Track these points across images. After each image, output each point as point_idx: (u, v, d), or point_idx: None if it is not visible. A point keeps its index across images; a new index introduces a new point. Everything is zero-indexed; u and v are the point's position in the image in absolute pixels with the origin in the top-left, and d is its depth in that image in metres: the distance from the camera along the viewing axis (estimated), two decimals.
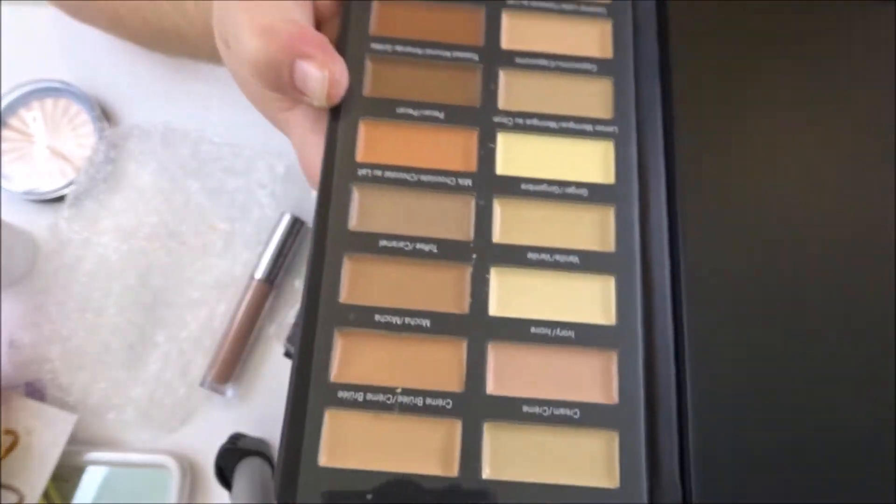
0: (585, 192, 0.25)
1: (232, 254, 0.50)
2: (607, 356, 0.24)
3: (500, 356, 0.24)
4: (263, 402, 0.49)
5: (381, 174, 0.25)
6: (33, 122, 0.52)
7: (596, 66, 0.27)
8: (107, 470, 0.47)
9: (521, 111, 0.26)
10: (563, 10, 0.28)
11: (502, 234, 0.25)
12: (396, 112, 0.26)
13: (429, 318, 0.24)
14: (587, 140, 0.26)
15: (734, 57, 0.28)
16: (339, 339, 0.23)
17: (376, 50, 0.27)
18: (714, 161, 0.27)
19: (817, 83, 0.27)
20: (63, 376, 0.48)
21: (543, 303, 0.24)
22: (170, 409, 0.48)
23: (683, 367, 0.24)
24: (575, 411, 0.23)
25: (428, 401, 0.23)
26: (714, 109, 0.27)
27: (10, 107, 0.52)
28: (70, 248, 0.49)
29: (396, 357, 0.23)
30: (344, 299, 0.24)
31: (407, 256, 0.24)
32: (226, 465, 0.43)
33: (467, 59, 0.27)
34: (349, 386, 0.23)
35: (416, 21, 0.27)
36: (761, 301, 0.25)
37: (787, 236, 0.26)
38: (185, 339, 0.48)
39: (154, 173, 0.50)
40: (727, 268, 0.25)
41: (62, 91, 0.52)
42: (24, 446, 0.46)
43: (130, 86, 0.54)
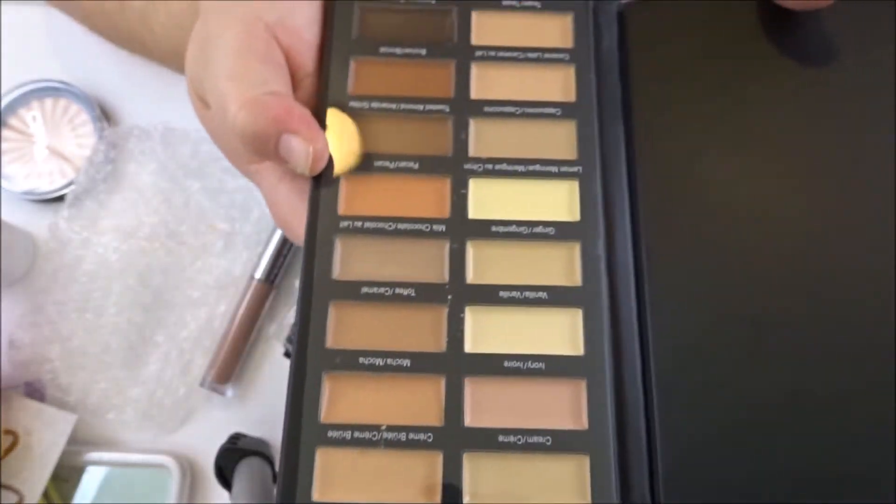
0: (552, 231, 0.27)
1: (232, 254, 0.50)
2: (576, 385, 0.25)
3: (476, 390, 0.25)
4: (263, 402, 0.48)
5: (361, 225, 0.27)
6: (33, 122, 0.52)
7: (560, 110, 0.29)
8: (107, 470, 0.47)
9: (491, 157, 0.28)
10: (528, 58, 0.29)
11: (475, 275, 0.26)
12: (374, 165, 0.28)
13: (409, 358, 0.25)
14: (553, 181, 0.28)
15: (693, 98, 0.29)
16: (327, 382, 0.25)
17: (354, 108, 0.28)
18: (676, 196, 0.28)
19: (768, 122, 0.28)
20: (63, 376, 0.48)
21: (515, 338, 0.26)
22: (170, 409, 0.48)
23: (651, 393, 0.26)
24: (547, 438, 0.24)
25: (411, 435, 0.24)
26: (674, 147, 0.28)
27: (9, 106, 0.52)
28: (70, 248, 0.49)
29: (380, 396, 0.25)
30: (330, 344, 0.25)
31: (387, 301, 0.26)
32: (226, 465, 0.43)
33: (439, 110, 0.29)
34: (338, 426, 0.25)
35: (391, 78, 0.29)
36: (725, 328, 0.26)
37: (749, 266, 0.27)
38: (185, 339, 0.48)
39: (154, 173, 0.50)
40: (691, 297, 0.27)
41: (62, 91, 0.52)
42: (24, 446, 0.46)
43: (130, 86, 0.54)
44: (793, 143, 0.28)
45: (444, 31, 0.30)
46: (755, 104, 0.28)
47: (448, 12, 0.30)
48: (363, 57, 0.29)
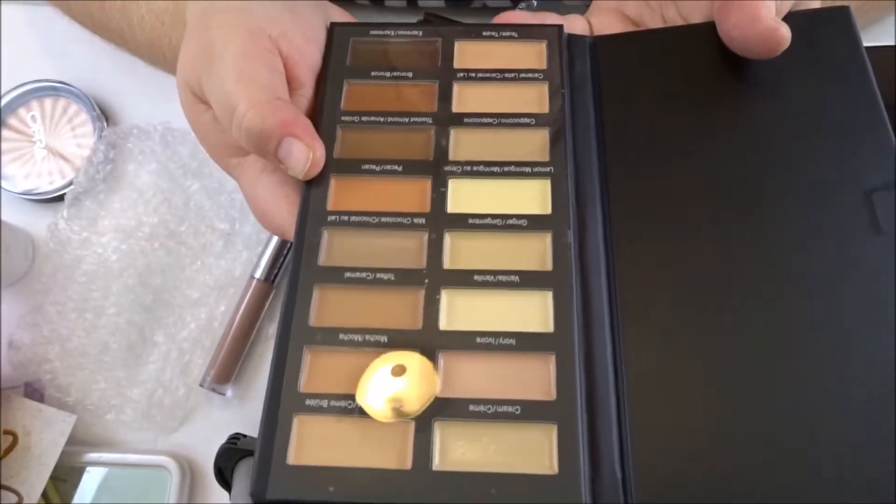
0: (525, 223, 0.29)
1: (232, 254, 0.50)
2: (545, 359, 0.27)
3: (449, 363, 0.27)
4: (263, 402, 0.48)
5: (347, 219, 0.29)
6: (33, 122, 0.52)
7: (534, 120, 0.31)
8: (106, 470, 0.47)
9: (469, 160, 0.30)
10: (505, 77, 0.32)
11: (452, 262, 0.28)
12: (362, 168, 0.30)
13: (386, 335, 0.27)
14: (526, 179, 0.30)
15: (659, 116, 0.32)
16: (308, 356, 0.27)
17: (345, 121, 0.31)
18: (643, 195, 0.30)
19: (725, 137, 0.31)
20: (62, 376, 0.48)
21: (488, 317, 0.27)
22: (169, 410, 0.48)
23: (621, 368, 0.27)
24: (516, 408, 0.26)
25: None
26: (642, 154, 0.31)
27: (9, 106, 0.52)
28: (69, 248, 0.49)
29: (357, 369, 0.26)
30: (313, 323, 0.27)
31: (368, 285, 0.28)
32: (225, 465, 0.43)
33: (422, 122, 0.31)
34: (316, 395, 0.26)
35: (380, 97, 0.32)
36: (694, 307, 0.28)
37: (715, 252, 0.29)
38: (185, 339, 0.48)
39: (154, 173, 0.50)
40: (660, 278, 0.29)
41: (62, 91, 0.52)
42: (23, 447, 0.46)
43: (130, 86, 0.53)
44: (745, 151, 0.30)
45: (429, 58, 0.33)
46: (713, 123, 0.31)
47: (433, 42, 0.33)
48: (355, 80, 0.32)
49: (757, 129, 0.31)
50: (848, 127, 0.30)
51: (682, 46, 0.33)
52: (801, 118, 0.30)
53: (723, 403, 0.26)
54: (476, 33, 0.34)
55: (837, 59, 0.31)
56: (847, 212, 0.28)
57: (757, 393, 0.27)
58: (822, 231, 0.29)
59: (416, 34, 0.33)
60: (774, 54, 0.30)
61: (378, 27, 0.34)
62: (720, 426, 0.26)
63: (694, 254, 0.29)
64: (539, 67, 0.32)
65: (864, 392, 0.26)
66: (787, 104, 0.31)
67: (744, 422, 0.26)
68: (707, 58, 0.32)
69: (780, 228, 0.29)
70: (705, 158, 0.30)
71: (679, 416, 0.26)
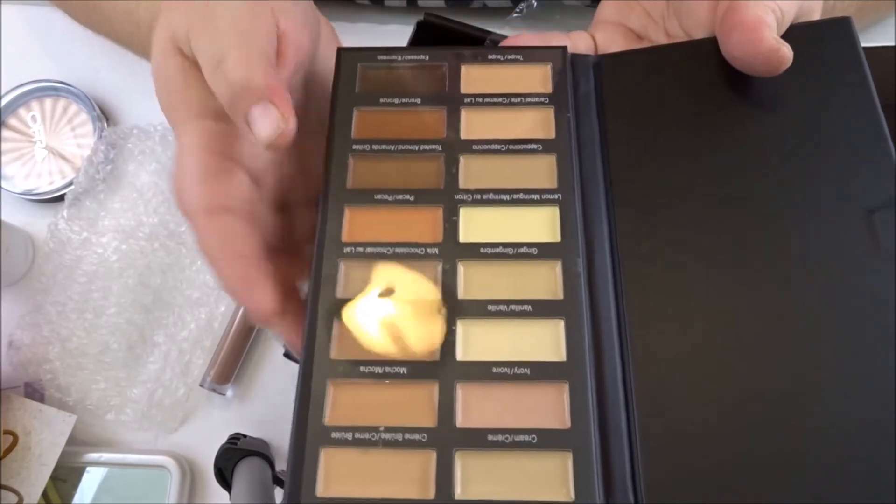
0: (535, 251, 0.30)
1: None
2: (559, 388, 0.27)
3: (467, 394, 0.27)
4: (263, 402, 0.48)
5: (362, 250, 0.30)
6: (33, 122, 0.52)
7: (540, 146, 0.32)
8: (106, 470, 0.47)
9: (479, 188, 0.31)
10: (511, 102, 0.33)
11: (465, 292, 0.29)
12: (374, 198, 0.31)
13: (405, 367, 0.28)
14: (535, 207, 0.30)
15: (663, 135, 0.32)
16: (331, 389, 0.27)
17: (356, 150, 0.32)
18: (649, 217, 0.30)
19: (729, 154, 0.31)
20: (62, 377, 0.48)
21: (503, 346, 0.28)
22: (169, 410, 0.48)
23: (631, 394, 0.28)
24: (533, 437, 0.26)
25: (407, 436, 0.27)
26: (648, 177, 0.31)
27: (9, 106, 0.52)
28: (69, 248, 0.49)
29: (379, 400, 0.27)
30: (334, 355, 0.28)
31: (386, 316, 0.29)
32: (226, 465, 0.43)
33: (432, 149, 0.32)
34: (340, 427, 0.27)
35: (389, 124, 0.32)
36: (701, 331, 0.28)
37: (721, 272, 0.29)
38: (185, 339, 0.48)
39: (154, 173, 0.50)
40: (668, 304, 0.29)
41: (61, 91, 0.52)
42: (24, 447, 0.46)
43: (130, 86, 0.54)
44: (749, 169, 0.31)
45: (436, 83, 0.33)
46: (716, 140, 0.31)
47: (440, 67, 0.34)
48: (365, 108, 0.33)
49: (760, 148, 0.31)
50: (849, 144, 0.30)
51: (684, 63, 0.33)
52: (803, 134, 0.31)
53: (735, 424, 0.27)
54: (482, 57, 0.34)
55: (839, 72, 0.31)
56: (848, 231, 0.29)
57: (769, 409, 0.27)
58: (822, 251, 0.29)
59: (423, 58, 0.34)
60: (776, 73, 0.30)
61: (385, 52, 0.34)
62: (732, 448, 0.27)
63: (700, 277, 0.29)
64: (544, 91, 0.33)
65: (869, 397, 0.27)
66: (790, 120, 0.31)
67: (757, 446, 0.26)
68: (709, 74, 0.32)
69: (784, 249, 0.29)
70: (708, 179, 0.31)
71: (689, 440, 0.27)
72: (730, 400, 0.27)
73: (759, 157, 0.31)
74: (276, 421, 0.48)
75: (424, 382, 0.28)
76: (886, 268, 0.28)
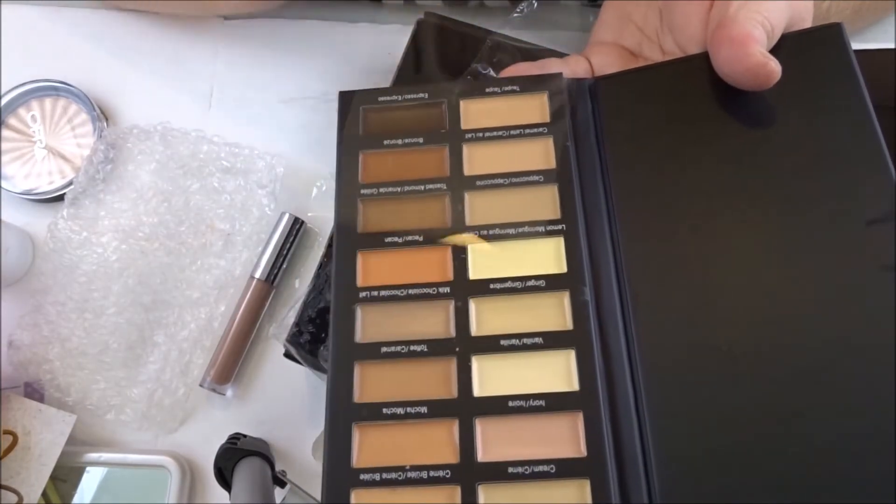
0: (543, 283, 0.30)
1: (232, 254, 0.50)
2: (574, 417, 0.28)
3: (486, 429, 0.28)
4: (263, 402, 0.48)
5: (377, 294, 0.31)
6: (32, 122, 0.52)
7: (542, 177, 0.32)
8: (106, 470, 0.47)
9: (485, 224, 0.32)
10: (511, 134, 0.33)
11: (478, 328, 0.30)
12: (385, 241, 0.32)
13: (425, 406, 0.29)
14: (540, 239, 0.31)
15: (661, 154, 0.32)
16: (356, 432, 0.29)
17: (365, 195, 0.33)
18: (654, 241, 0.31)
19: (726, 172, 0.31)
20: (62, 377, 0.48)
21: (517, 380, 0.29)
22: (169, 410, 0.48)
23: (644, 420, 0.28)
24: (551, 467, 0.27)
25: (431, 473, 0.28)
26: (649, 198, 0.32)
27: (9, 106, 0.52)
28: (69, 248, 0.49)
29: (403, 440, 0.29)
30: (357, 399, 0.29)
31: (404, 357, 0.30)
32: (226, 465, 0.43)
33: (437, 188, 0.33)
34: (367, 469, 0.28)
35: (394, 165, 0.33)
36: (709, 354, 0.29)
37: (725, 298, 0.29)
38: (185, 339, 0.48)
39: (154, 173, 0.50)
40: (675, 329, 0.29)
41: (61, 91, 0.52)
42: (23, 447, 0.46)
43: (130, 86, 0.54)
44: (748, 187, 0.31)
45: (437, 121, 0.34)
46: (714, 157, 0.32)
47: (440, 104, 0.34)
48: (370, 151, 0.34)
49: (759, 166, 0.31)
50: (846, 156, 0.30)
51: (678, 81, 0.33)
52: (800, 148, 0.31)
53: (751, 445, 0.27)
54: (479, 90, 0.35)
55: (831, 81, 0.31)
56: (848, 245, 0.29)
57: (785, 428, 0.27)
58: (825, 267, 0.29)
59: (423, 97, 0.35)
60: (766, 87, 0.30)
61: (385, 93, 0.35)
62: (750, 467, 0.27)
63: (707, 299, 0.29)
64: (542, 121, 0.33)
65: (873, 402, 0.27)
66: (786, 134, 0.31)
67: (774, 467, 0.27)
68: (702, 91, 0.32)
69: (790, 267, 0.29)
70: (708, 200, 0.31)
71: (704, 462, 0.27)
72: (744, 420, 0.28)
73: (760, 175, 0.31)
74: (276, 421, 0.48)
75: (444, 420, 0.29)
76: (886, 282, 0.28)
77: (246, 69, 0.53)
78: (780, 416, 0.27)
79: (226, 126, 0.52)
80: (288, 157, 0.51)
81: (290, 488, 0.45)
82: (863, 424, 0.27)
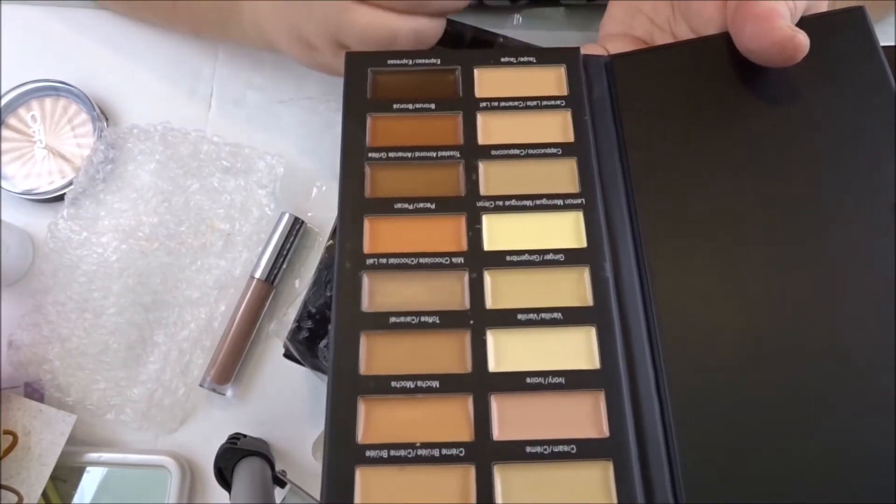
0: (562, 257, 0.29)
1: (232, 254, 0.50)
2: (595, 396, 0.27)
3: (502, 406, 0.27)
4: (263, 402, 0.48)
5: (385, 261, 0.29)
6: (32, 122, 0.52)
7: (560, 150, 0.31)
8: (106, 470, 0.47)
9: (501, 195, 0.30)
10: (527, 105, 0.32)
11: (494, 301, 0.29)
12: (395, 208, 0.30)
13: (437, 380, 0.27)
14: (559, 213, 0.30)
15: (678, 132, 0.32)
16: (362, 406, 0.27)
17: (373, 158, 0.31)
18: (672, 218, 0.30)
19: (744, 148, 0.31)
20: (62, 376, 0.48)
21: (535, 356, 0.28)
22: (169, 410, 0.48)
23: (665, 399, 0.27)
24: (572, 447, 0.26)
25: (444, 451, 0.26)
26: (667, 175, 0.31)
27: (9, 106, 0.52)
28: (69, 248, 0.49)
29: (413, 416, 0.27)
30: (363, 371, 0.27)
31: (414, 329, 0.28)
32: (226, 465, 0.43)
33: (450, 156, 0.31)
34: (374, 446, 0.26)
35: (404, 130, 0.32)
36: (730, 333, 0.28)
37: (747, 276, 0.29)
38: (185, 339, 0.48)
39: (154, 173, 0.50)
40: (695, 307, 0.29)
41: (61, 91, 0.52)
42: (23, 447, 0.46)
43: (130, 86, 0.54)
44: (768, 167, 0.30)
45: (450, 87, 0.33)
46: (733, 137, 0.31)
47: (453, 71, 0.33)
48: (378, 114, 0.32)
49: (780, 145, 0.30)
50: (870, 138, 0.29)
51: (697, 60, 0.32)
52: (824, 129, 0.30)
53: (772, 425, 0.27)
54: (495, 59, 0.33)
55: (855, 63, 0.31)
56: (874, 228, 0.28)
57: (805, 410, 0.27)
58: (849, 247, 0.28)
59: (434, 62, 0.33)
60: (793, 62, 0.29)
61: (394, 56, 0.33)
62: (770, 449, 0.26)
63: (726, 276, 0.29)
64: (560, 94, 0.32)
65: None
66: (809, 115, 0.30)
67: (794, 446, 0.26)
68: (722, 70, 0.32)
69: (811, 247, 0.29)
70: (728, 178, 0.30)
71: (726, 442, 0.27)
72: (765, 400, 0.27)
73: (779, 154, 0.30)
74: (276, 421, 0.48)
75: (458, 396, 0.27)
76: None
77: (246, 70, 0.53)
78: (804, 402, 0.27)
79: (226, 126, 0.52)
80: (288, 157, 0.51)
81: (290, 488, 0.45)
82: (883, 421, 0.26)
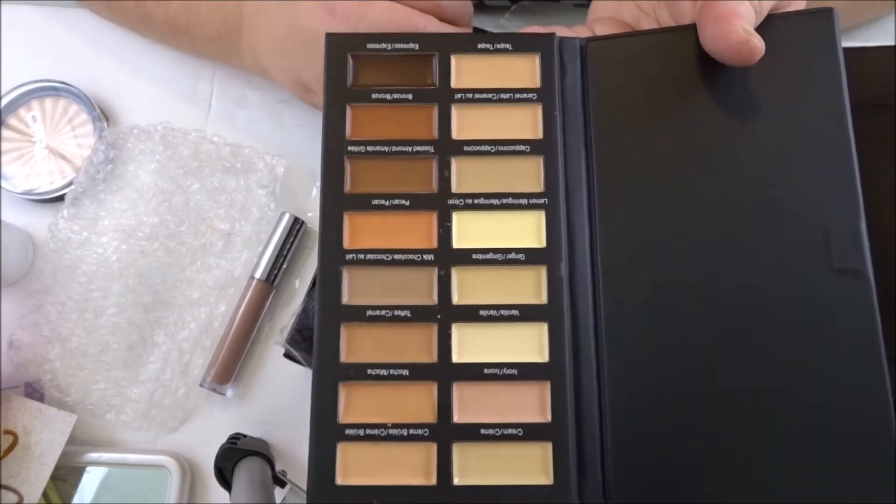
0: (523, 257, 0.32)
1: (232, 254, 0.50)
2: (542, 386, 0.31)
3: (462, 393, 0.31)
4: (263, 402, 0.48)
5: (363, 257, 0.32)
6: (33, 122, 0.52)
7: (529, 147, 0.33)
8: (106, 470, 0.47)
9: (470, 192, 0.33)
10: (500, 98, 0.34)
11: (460, 297, 0.32)
12: (372, 204, 0.33)
13: (407, 369, 0.31)
14: (522, 212, 0.32)
15: (644, 122, 0.33)
16: (342, 390, 0.31)
17: (353, 151, 0.33)
18: (627, 218, 0.32)
19: (710, 141, 0.32)
20: (62, 376, 0.48)
21: (493, 349, 0.31)
22: (169, 410, 0.48)
23: (604, 390, 0.31)
24: (519, 430, 0.30)
25: (411, 431, 0.30)
26: (627, 169, 0.33)
27: (9, 106, 0.52)
28: (69, 248, 0.49)
29: (386, 400, 0.31)
30: (343, 359, 0.31)
31: (388, 322, 0.31)
32: (226, 465, 0.43)
33: (425, 151, 0.33)
34: (353, 425, 0.31)
35: (382, 122, 0.34)
36: (671, 334, 0.31)
37: (693, 280, 0.31)
38: (185, 339, 0.48)
39: (154, 173, 0.50)
40: (641, 308, 0.31)
41: (62, 91, 0.52)
42: (24, 447, 0.46)
43: (130, 86, 0.54)
44: (722, 163, 0.32)
45: (427, 76, 0.34)
46: (692, 131, 0.33)
47: (430, 57, 0.34)
48: (357, 104, 0.34)
49: (734, 148, 0.32)
50: (817, 152, 0.31)
51: (667, 49, 0.34)
52: (776, 135, 0.32)
53: (702, 425, 0.30)
54: (472, 46, 0.34)
55: (815, 71, 0.32)
56: (807, 245, 0.30)
57: (737, 411, 0.30)
58: (781, 260, 0.31)
59: (413, 47, 0.34)
60: (750, 63, 0.31)
61: (373, 38, 0.34)
62: (697, 446, 0.30)
63: (672, 277, 0.31)
64: (532, 86, 0.34)
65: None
66: (764, 117, 0.32)
67: (721, 445, 0.29)
68: (689, 63, 0.33)
69: (750, 247, 0.31)
70: (682, 173, 0.32)
71: (654, 431, 0.30)
72: (698, 400, 0.30)
73: (732, 152, 0.32)
74: (276, 421, 0.48)
75: (424, 383, 0.31)
76: (837, 283, 0.30)
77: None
78: (741, 402, 0.30)
79: (226, 126, 0.52)
80: (288, 157, 0.51)
81: (290, 488, 0.45)
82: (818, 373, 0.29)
